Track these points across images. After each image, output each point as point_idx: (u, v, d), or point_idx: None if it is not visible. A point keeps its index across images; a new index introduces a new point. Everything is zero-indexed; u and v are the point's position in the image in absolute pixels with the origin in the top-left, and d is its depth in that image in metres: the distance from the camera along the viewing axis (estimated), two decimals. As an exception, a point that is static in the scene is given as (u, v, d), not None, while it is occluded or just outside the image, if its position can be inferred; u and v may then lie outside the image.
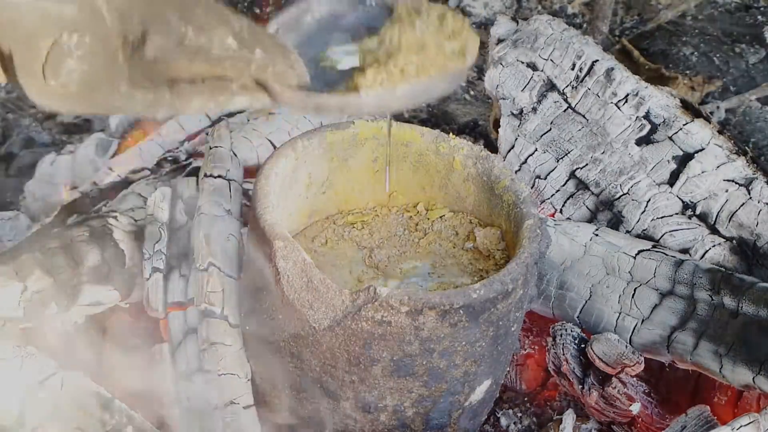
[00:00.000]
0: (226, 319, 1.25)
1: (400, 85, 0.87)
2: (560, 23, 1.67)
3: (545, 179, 1.60)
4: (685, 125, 1.53)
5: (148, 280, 1.33)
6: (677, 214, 1.50)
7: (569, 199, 1.58)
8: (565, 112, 1.61)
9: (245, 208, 1.40)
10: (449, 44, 0.90)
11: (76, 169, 1.78)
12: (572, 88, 1.60)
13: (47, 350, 1.20)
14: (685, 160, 1.52)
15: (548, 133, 1.61)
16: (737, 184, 1.49)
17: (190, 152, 1.68)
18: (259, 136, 1.62)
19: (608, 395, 1.33)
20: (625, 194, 1.54)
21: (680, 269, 1.39)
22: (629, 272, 1.41)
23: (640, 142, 1.55)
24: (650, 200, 1.52)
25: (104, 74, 0.79)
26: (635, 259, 1.41)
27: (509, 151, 1.64)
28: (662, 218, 1.50)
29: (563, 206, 1.59)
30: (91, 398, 1.13)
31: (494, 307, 1.11)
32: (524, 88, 1.64)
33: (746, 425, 1.17)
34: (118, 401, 1.14)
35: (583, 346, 1.36)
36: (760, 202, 1.47)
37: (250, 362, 1.25)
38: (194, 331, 1.28)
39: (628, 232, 1.52)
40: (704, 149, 1.51)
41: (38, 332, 1.26)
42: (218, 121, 1.75)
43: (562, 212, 1.59)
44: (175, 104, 0.82)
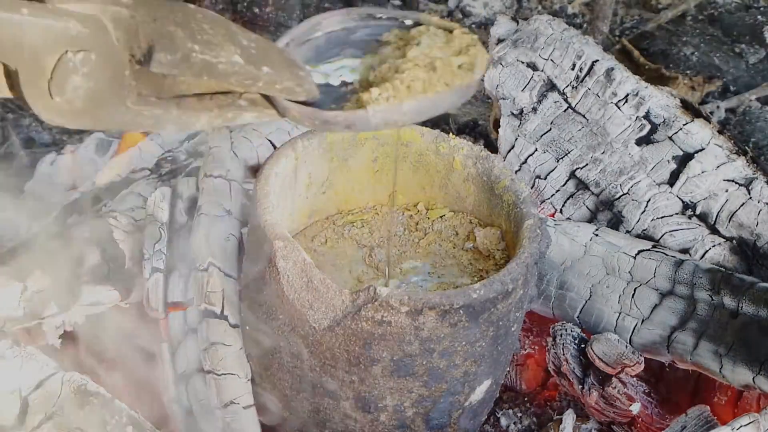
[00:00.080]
0: (226, 319, 1.25)
1: (406, 101, 0.87)
2: (560, 23, 1.67)
3: (545, 179, 1.60)
4: (685, 125, 1.53)
5: (148, 280, 1.33)
6: (677, 214, 1.50)
7: (569, 199, 1.58)
8: (565, 112, 1.60)
9: (245, 208, 1.40)
10: (457, 59, 0.90)
11: (76, 169, 1.78)
12: (572, 88, 1.60)
13: (47, 350, 1.20)
14: (685, 160, 1.52)
15: (548, 133, 1.61)
16: (737, 184, 1.49)
17: (190, 152, 1.68)
18: (259, 136, 1.62)
19: (608, 395, 1.33)
20: (625, 194, 1.54)
21: (680, 269, 1.39)
22: (629, 272, 1.41)
23: (640, 142, 1.55)
24: (650, 200, 1.52)
25: (110, 91, 0.78)
26: (635, 259, 1.41)
27: (509, 151, 1.64)
28: (662, 218, 1.50)
29: (563, 206, 1.59)
30: (91, 398, 1.13)
31: (494, 307, 1.11)
32: (524, 88, 1.63)
33: (746, 425, 1.17)
34: (118, 401, 1.14)
35: (583, 346, 1.36)
36: (760, 202, 1.47)
37: (250, 362, 1.25)
38: (194, 331, 1.28)
39: (628, 232, 1.52)
40: (704, 149, 1.51)
41: (38, 332, 1.27)
42: (218, 121, 1.74)
43: (562, 212, 1.59)
44: (182, 120, 0.82)
